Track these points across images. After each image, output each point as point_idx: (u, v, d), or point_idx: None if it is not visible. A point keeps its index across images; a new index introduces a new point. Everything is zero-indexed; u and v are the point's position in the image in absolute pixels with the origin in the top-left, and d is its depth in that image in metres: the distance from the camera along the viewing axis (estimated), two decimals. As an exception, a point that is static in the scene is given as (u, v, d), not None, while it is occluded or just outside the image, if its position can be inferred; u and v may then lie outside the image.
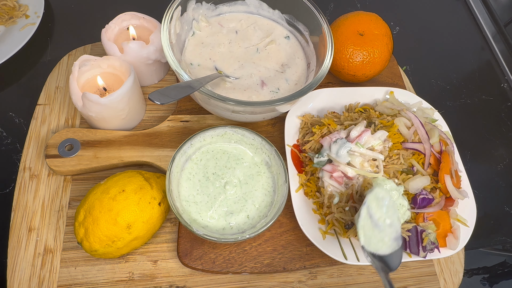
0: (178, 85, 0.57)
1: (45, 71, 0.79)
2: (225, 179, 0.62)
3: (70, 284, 0.60)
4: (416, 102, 0.77)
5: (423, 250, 0.61)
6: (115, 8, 0.87)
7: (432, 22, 1.11)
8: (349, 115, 0.71)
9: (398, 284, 0.68)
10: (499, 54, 1.06)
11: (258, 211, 0.61)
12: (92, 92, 0.67)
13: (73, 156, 0.66)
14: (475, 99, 0.98)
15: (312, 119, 0.73)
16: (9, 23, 0.84)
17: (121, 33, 0.75)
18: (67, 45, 0.84)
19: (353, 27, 0.77)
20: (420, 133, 0.67)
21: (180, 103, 0.76)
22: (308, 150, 0.68)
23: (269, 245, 0.65)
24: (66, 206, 0.65)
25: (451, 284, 0.69)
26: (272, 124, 0.77)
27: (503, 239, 0.80)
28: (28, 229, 0.63)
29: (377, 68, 0.78)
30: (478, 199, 0.69)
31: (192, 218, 0.59)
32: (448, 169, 0.64)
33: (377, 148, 0.64)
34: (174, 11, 0.65)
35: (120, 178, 0.59)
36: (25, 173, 0.67)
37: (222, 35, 0.75)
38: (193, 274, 0.63)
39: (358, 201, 0.62)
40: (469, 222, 0.65)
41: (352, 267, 0.68)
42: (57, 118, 0.73)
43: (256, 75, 0.71)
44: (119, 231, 0.56)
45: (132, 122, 0.73)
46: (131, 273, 0.62)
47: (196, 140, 0.63)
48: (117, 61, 0.68)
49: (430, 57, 1.03)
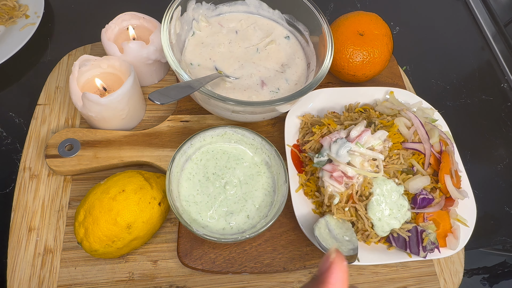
0: (178, 85, 0.57)
1: (45, 71, 0.79)
2: (225, 179, 0.62)
3: (70, 284, 0.60)
4: (416, 102, 0.77)
5: (423, 250, 0.61)
6: (115, 8, 0.87)
7: (432, 22, 1.11)
8: (349, 115, 0.71)
9: (398, 284, 0.68)
10: (499, 54, 1.06)
11: (258, 211, 0.61)
12: (92, 92, 0.67)
13: (73, 156, 0.66)
14: (475, 99, 0.98)
15: (312, 119, 0.73)
16: (9, 23, 0.84)
17: (121, 33, 0.75)
18: (67, 45, 0.84)
19: (353, 27, 0.77)
20: (420, 133, 0.67)
21: (180, 103, 0.76)
22: (308, 150, 0.68)
23: (269, 245, 0.65)
24: (66, 206, 0.65)
25: (451, 284, 0.69)
26: (272, 124, 0.77)
27: (503, 239, 0.80)
28: (28, 229, 0.63)
29: (377, 68, 0.78)
30: (478, 199, 0.69)
31: (192, 218, 0.59)
32: (448, 169, 0.64)
33: (377, 148, 0.64)
34: (174, 11, 0.65)
35: (120, 178, 0.59)
36: (25, 173, 0.67)
37: (222, 35, 0.75)
38: (193, 274, 0.63)
39: (358, 202, 0.62)
40: (469, 222, 0.65)
41: (352, 267, 0.68)
42: (57, 118, 0.73)
43: (256, 75, 0.71)
44: (119, 231, 0.56)
45: (132, 122, 0.73)
46: (131, 273, 0.62)
47: (196, 140, 0.63)
48: (117, 61, 0.68)
49: (430, 57, 1.03)
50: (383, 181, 0.62)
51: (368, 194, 0.62)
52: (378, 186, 0.61)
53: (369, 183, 0.62)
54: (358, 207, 0.61)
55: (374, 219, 0.61)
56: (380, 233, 0.61)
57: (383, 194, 0.61)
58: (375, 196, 0.61)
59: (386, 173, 0.63)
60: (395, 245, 0.62)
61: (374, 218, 0.61)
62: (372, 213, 0.61)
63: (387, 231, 0.61)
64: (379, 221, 0.61)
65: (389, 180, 0.62)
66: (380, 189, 0.61)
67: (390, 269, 0.69)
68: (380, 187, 0.61)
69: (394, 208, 0.61)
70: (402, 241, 0.62)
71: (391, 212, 0.61)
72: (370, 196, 0.61)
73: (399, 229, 0.62)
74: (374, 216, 0.61)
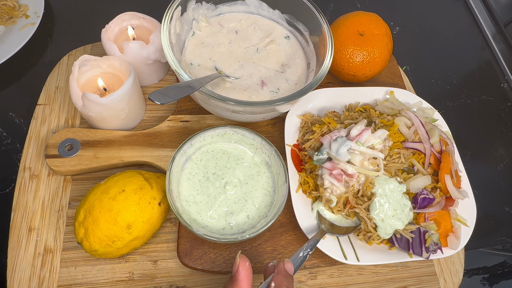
0: (178, 85, 0.57)
1: (45, 71, 0.79)
2: (225, 179, 0.62)
3: (70, 284, 0.60)
4: (416, 102, 0.77)
5: (426, 251, 0.61)
6: (115, 8, 0.87)
7: (432, 22, 1.11)
8: (349, 114, 0.71)
9: (398, 284, 0.68)
10: (499, 54, 1.06)
11: (258, 211, 0.61)
12: (92, 92, 0.67)
13: (73, 156, 0.66)
14: (475, 99, 0.98)
15: (312, 118, 0.73)
16: (9, 23, 0.84)
17: (121, 33, 0.75)
18: (67, 45, 0.84)
19: (353, 27, 0.77)
20: (420, 132, 0.67)
21: (180, 103, 0.76)
22: (308, 149, 0.68)
23: (269, 245, 0.65)
24: (66, 206, 0.65)
25: (451, 284, 0.69)
26: (272, 124, 0.77)
27: (503, 239, 0.80)
28: (28, 229, 0.63)
29: (377, 68, 0.78)
30: (478, 199, 0.69)
31: (192, 218, 0.59)
32: (448, 169, 0.64)
33: (377, 147, 0.64)
34: (174, 11, 0.65)
35: (120, 178, 0.59)
36: (25, 173, 0.67)
37: (222, 35, 0.75)
38: (193, 274, 0.63)
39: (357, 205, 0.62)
40: (469, 222, 0.65)
41: (352, 267, 0.68)
42: (57, 118, 0.73)
43: (256, 75, 0.71)
44: (119, 231, 0.56)
45: (132, 122, 0.73)
46: (131, 273, 0.62)
47: (196, 140, 0.63)
48: (117, 61, 0.68)
49: (430, 57, 1.03)
50: (385, 180, 0.62)
51: (370, 194, 0.62)
52: (380, 185, 0.61)
53: (371, 182, 0.62)
54: (358, 210, 0.61)
55: (377, 220, 0.61)
56: (383, 236, 0.61)
57: (386, 194, 0.61)
58: (378, 197, 0.61)
59: (387, 172, 0.63)
60: (398, 246, 0.62)
61: (377, 219, 0.61)
62: (376, 214, 0.61)
63: (390, 233, 0.61)
64: (382, 222, 0.61)
65: (391, 179, 0.62)
66: (383, 188, 0.61)
67: (390, 269, 0.69)
68: (383, 187, 0.61)
69: (397, 208, 0.61)
70: (405, 242, 0.62)
71: (394, 212, 0.61)
72: (372, 196, 0.61)
73: (402, 230, 0.61)
74: (378, 217, 0.61)
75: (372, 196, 0.61)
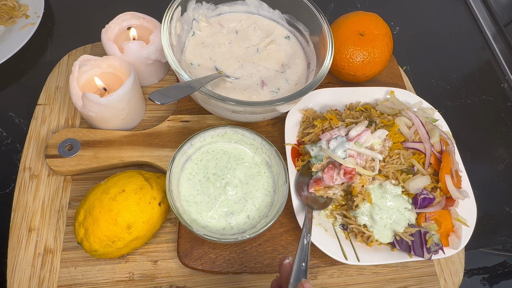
0: (178, 85, 0.57)
1: (45, 71, 0.78)
2: (226, 179, 0.62)
3: (70, 284, 0.60)
4: (416, 102, 0.77)
5: (428, 252, 0.61)
6: (115, 8, 0.87)
7: (432, 22, 1.11)
8: (350, 113, 0.71)
9: (399, 284, 0.68)
10: (499, 54, 1.06)
11: (259, 211, 0.61)
12: (92, 92, 0.67)
13: (73, 156, 0.66)
14: (475, 99, 0.98)
15: (314, 114, 0.72)
16: (9, 23, 0.84)
17: (121, 33, 0.75)
18: (67, 45, 0.84)
19: (353, 27, 0.77)
20: (420, 132, 0.67)
21: (180, 103, 0.76)
22: (307, 142, 0.68)
23: (269, 245, 0.65)
24: (66, 206, 0.65)
25: (451, 284, 0.69)
26: (272, 124, 0.77)
27: (503, 239, 0.80)
28: (28, 229, 0.63)
29: (377, 68, 0.78)
30: (478, 199, 0.69)
31: (192, 218, 0.59)
32: (449, 169, 0.64)
33: (377, 147, 0.64)
34: (174, 11, 0.65)
35: (120, 178, 0.59)
36: (25, 173, 0.67)
37: (222, 35, 0.74)
38: (193, 274, 0.63)
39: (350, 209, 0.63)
40: (469, 222, 0.65)
41: (352, 267, 0.68)
42: (57, 118, 0.73)
43: (256, 75, 0.71)
44: (119, 231, 0.56)
45: (132, 122, 0.73)
46: (131, 273, 0.62)
47: (196, 140, 0.63)
48: (117, 61, 0.68)
49: (430, 57, 1.03)
50: (379, 187, 0.62)
51: (363, 200, 0.62)
52: (373, 192, 0.62)
53: (366, 192, 0.62)
54: (347, 220, 0.63)
55: (374, 227, 0.61)
56: (384, 240, 0.62)
57: (379, 204, 0.62)
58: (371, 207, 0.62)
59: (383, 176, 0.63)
60: (399, 248, 0.62)
61: (373, 226, 0.61)
62: (369, 221, 0.61)
63: (390, 237, 0.62)
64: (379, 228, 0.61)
65: (385, 182, 0.62)
66: (375, 196, 0.62)
67: (390, 269, 0.69)
68: (375, 194, 0.62)
69: (394, 213, 0.62)
70: (405, 244, 0.62)
71: (389, 219, 0.62)
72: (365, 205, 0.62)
73: (402, 233, 0.61)
74: (376, 225, 0.61)
75: (365, 203, 0.62)
